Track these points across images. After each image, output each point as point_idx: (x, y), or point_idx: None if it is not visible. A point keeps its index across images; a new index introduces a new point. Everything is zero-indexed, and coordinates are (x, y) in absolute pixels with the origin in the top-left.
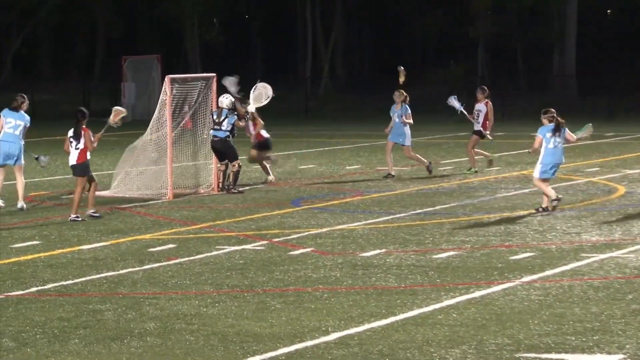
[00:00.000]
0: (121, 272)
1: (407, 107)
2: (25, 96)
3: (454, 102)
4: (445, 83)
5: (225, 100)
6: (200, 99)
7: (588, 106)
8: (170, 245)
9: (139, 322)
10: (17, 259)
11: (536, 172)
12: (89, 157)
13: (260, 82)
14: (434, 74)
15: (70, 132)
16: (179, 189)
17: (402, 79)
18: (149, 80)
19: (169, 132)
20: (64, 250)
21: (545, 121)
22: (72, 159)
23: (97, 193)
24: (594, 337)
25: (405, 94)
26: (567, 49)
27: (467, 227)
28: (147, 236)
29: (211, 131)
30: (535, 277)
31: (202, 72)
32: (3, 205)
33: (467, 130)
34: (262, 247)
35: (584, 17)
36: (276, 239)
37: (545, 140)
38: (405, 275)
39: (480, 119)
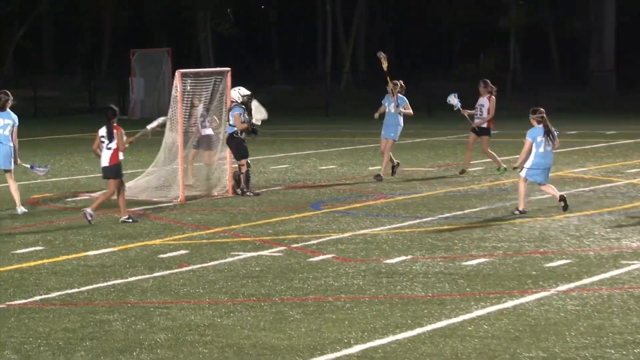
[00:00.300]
0: (130, 279)
1: (404, 97)
2: (8, 93)
3: (453, 99)
4: (475, 78)
5: (234, 93)
6: (214, 94)
7: (628, 102)
8: (182, 251)
9: (148, 333)
10: (19, 265)
11: (523, 172)
12: (121, 157)
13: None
14: (463, 68)
15: (102, 131)
16: (191, 191)
17: (385, 65)
18: (159, 75)
19: (179, 130)
20: (69, 257)
21: (534, 122)
22: (104, 160)
23: (97, 195)
24: (635, 350)
25: (401, 84)
26: (605, 41)
27: (499, 232)
28: (158, 241)
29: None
30: (571, 285)
31: (215, 67)
32: None
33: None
34: (280, 254)
35: (623, 6)
36: (295, 245)
37: (536, 144)
38: (432, 284)
39: (484, 114)
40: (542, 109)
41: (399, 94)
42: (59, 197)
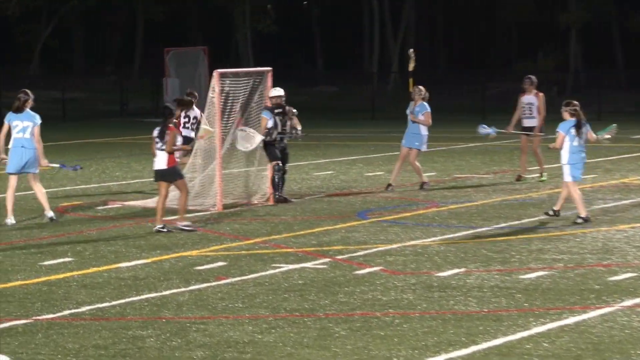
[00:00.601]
0: (164, 293)
1: (427, 105)
2: (28, 92)
3: (484, 129)
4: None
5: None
6: (253, 96)
7: None
8: (220, 263)
9: (184, 350)
10: (47, 278)
11: (567, 176)
12: (178, 159)
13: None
14: (520, 68)
15: (156, 132)
16: (230, 198)
17: (412, 65)
18: (195, 75)
19: (217, 134)
20: (100, 269)
21: (566, 115)
22: (159, 163)
23: (135, 203)
24: None
25: (425, 91)
26: None
27: (559, 243)
28: (194, 252)
29: None
30: (637, 301)
31: (255, 66)
32: (12, 223)
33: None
34: (324, 266)
35: None
36: (340, 256)
37: (570, 137)
38: (487, 299)
39: (534, 113)
40: (576, 102)
41: (422, 101)
42: (89, 205)
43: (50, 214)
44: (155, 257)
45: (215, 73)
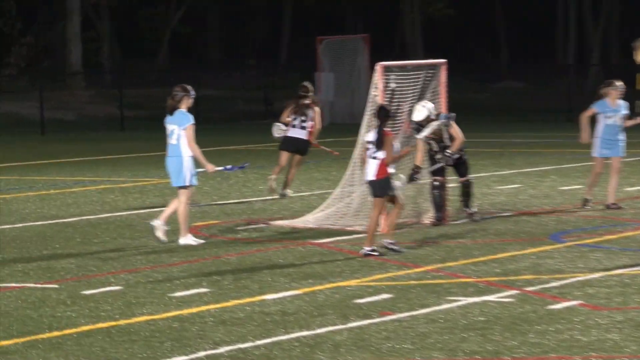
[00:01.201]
0: (318, 331)
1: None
2: (186, 87)
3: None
4: None
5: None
6: (424, 94)
7: None
8: (385, 296)
9: None
10: (178, 312)
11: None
12: (391, 170)
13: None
14: None
15: (371, 136)
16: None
17: (639, 56)
18: (353, 69)
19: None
20: (241, 301)
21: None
22: (370, 173)
23: (283, 223)
24: None
25: None
26: None
27: None
28: (353, 282)
29: None
30: None
31: (425, 58)
32: (163, 240)
33: None
34: (511, 299)
35: None
36: (530, 288)
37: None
38: None
39: None
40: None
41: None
42: (228, 225)
43: (185, 240)
44: (307, 287)
45: (378, 66)
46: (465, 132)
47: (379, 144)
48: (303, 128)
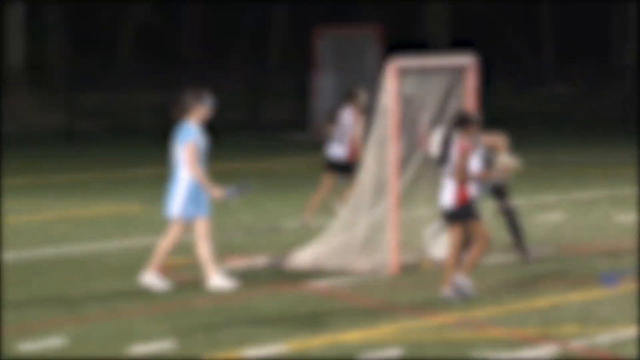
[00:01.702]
0: None
1: None
2: (200, 92)
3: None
4: None
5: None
6: (449, 101)
7: None
8: (393, 352)
9: None
10: None
11: None
12: (473, 193)
13: None
14: None
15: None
16: (410, 254)
17: None
18: (361, 69)
19: (392, 158)
20: (216, 359)
21: None
22: (445, 197)
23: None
24: None
25: None
26: None
27: None
28: (355, 335)
29: None
30: None
31: (451, 53)
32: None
33: None
34: (551, 356)
35: None
36: (575, 343)
37: None
38: None
39: None
40: None
41: None
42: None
43: (150, 280)
44: (297, 341)
45: (391, 68)
46: None
47: (446, 158)
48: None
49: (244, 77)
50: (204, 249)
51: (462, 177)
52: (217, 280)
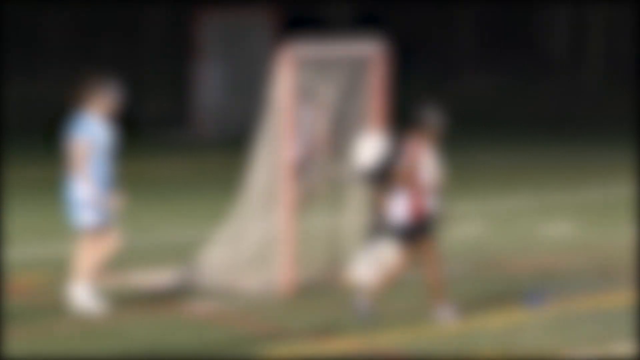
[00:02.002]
0: None
1: None
2: (101, 77)
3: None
4: None
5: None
6: (352, 97)
7: None
8: None
9: None
10: None
11: None
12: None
13: None
14: None
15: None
16: (305, 272)
17: None
18: (252, 58)
19: (284, 161)
20: None
21: None
22: (397, 210)
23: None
24: None
25: None
26: None
27: None
28: None
29: None
30: None
31: (357, 38)
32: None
33: None
34: None
35: None
36: None
37: None
38: None
39: None
40: None
41: None
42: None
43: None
44: None
45: (285, 57)
46: None
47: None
48: None
49: (114, 67)
50: (87, 257)
51: (408, 182)
52: (84, 298)
